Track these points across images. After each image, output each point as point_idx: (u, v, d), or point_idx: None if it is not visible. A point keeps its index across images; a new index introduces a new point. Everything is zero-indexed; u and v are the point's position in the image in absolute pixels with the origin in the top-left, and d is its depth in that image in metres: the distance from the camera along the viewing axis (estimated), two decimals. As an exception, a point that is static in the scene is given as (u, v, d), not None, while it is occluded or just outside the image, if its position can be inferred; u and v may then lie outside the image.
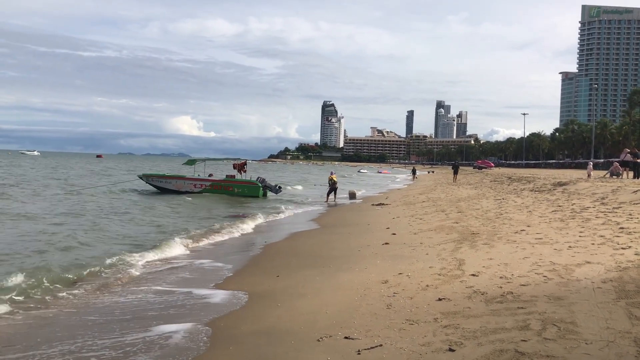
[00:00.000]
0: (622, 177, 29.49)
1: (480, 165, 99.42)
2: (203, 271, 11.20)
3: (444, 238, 12.69)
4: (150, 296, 9.03)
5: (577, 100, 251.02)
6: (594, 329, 5.41)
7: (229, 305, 8.26)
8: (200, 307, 8.28)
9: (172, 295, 9.07)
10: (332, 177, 32.35)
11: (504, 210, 17.24)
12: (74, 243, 13.79)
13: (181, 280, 10.33)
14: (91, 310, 8.16)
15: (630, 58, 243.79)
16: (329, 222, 20.37)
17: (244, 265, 11.70)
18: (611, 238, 9.96)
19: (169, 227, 17.90)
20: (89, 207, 23.88)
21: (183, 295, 9.02)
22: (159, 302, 8.64)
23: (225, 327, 7.08)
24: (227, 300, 8.57)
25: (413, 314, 6.68)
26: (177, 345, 6.48)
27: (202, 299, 8.80)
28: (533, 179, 32.47)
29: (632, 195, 15.53)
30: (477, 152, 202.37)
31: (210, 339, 6.67)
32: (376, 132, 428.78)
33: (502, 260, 9.22)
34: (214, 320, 7.46)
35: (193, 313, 7.91)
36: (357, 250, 12.37)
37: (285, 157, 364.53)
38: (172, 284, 9.97)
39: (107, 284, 9.90)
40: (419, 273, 8.95)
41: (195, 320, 7.45)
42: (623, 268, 7.57)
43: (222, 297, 8.78)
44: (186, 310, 8.10)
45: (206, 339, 6.66)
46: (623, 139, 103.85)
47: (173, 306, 8.36)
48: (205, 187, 34.06)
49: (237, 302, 8.41)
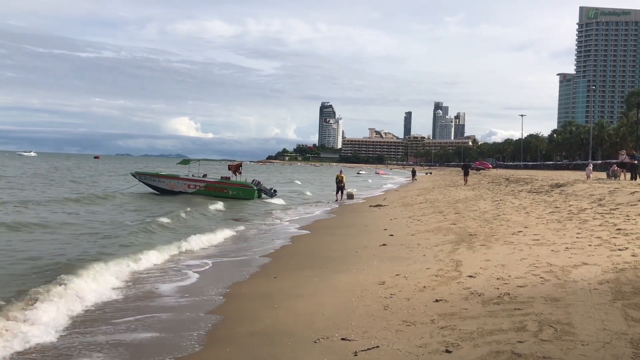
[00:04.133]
0: (619, 179, 29.54)
1: (478, 167, 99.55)
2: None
3: (442, 239, 12.69)
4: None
5: (574, 101, 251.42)
6: (590, 330, 5.41)
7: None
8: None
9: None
10: (340, 176, 32.82)
11: (501, 211, 17.26)
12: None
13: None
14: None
15: (628, 60, 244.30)
16: (327, 224, 20.37)
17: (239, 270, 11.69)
18: (608, 239, 9.98)
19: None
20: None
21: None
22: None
23: (222, 327, 7.07)
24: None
25: (410, 315, 6.68)
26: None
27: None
28: (531, 180, 32.53)
29: (629, 196, 15.56)
30: (475, 154, 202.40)
31: (207, 339, 6.66)
32: (374, 133, 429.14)
33: (499, 261, 9.24)
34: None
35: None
36: (355, 251, 12.37)
37: (283, 159, 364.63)
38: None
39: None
40: (416, 274, 8.95)
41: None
42: (620, 269, 7.58)
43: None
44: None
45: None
46: (620, 140, 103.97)
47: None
48: (199, 188, 33.81)
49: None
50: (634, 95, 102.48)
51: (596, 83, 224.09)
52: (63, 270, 9.69)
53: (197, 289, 9.43)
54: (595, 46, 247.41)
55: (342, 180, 32.63)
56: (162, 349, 6.35)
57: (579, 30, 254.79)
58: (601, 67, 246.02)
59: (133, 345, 6.48)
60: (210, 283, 9.89)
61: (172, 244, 13.89)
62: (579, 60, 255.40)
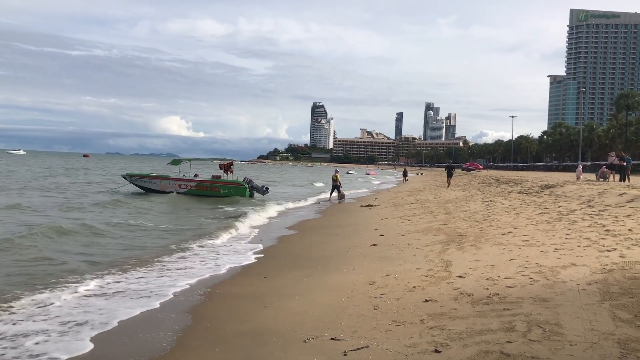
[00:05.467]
0: (608, 180, 29.74)
1: (468, 168, 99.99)
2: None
3: (432, 239, 12.73)
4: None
5: (565, 103, 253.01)
6: (578, 330, 5.45)
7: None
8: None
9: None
10: (336, 175, 33.24)
11: (491, 212, 17.33)
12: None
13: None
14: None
15: (618, 62, 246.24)
16: (317, 223, 20.37)
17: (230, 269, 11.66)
18: (597, 240, 10.05)
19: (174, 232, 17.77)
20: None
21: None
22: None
23: (212, 327, 7.05)
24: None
25: (399, 315, 6.69)
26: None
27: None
28: (521, 181, 32.68)
29: (617, 198, 15.67)
30: (466, 154, 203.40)
31: (197, 338, 6.64)
32: (365, 133, 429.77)
33: (489, 262, 9.27)
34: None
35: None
36: (345, 251, 12.37)
37: (275, 158, 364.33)
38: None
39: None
40: (406, 274, 8.97)
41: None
42: (608, 270, 7.64)
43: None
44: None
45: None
46: (610, 142, 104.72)
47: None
48: (190, 187, 33.74)
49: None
50: (623, 97, 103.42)
51: (586, 85, 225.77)
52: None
53: (188, 291, 9.39)
54: (586, 48, 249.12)
55: (337, 179, 32.89)
56: (148, 348, 6.34)
57: (570, 32, 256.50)
58: (591, 69, 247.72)
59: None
60: (199, 284, 9.86)
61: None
62: (569, 62, 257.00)
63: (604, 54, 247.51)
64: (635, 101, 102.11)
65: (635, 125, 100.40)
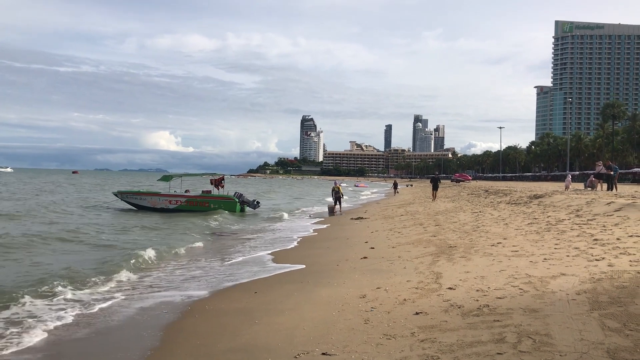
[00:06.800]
0: (596, 189, 29.96)
1: (457, 179, 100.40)
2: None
3: (422, 251, 12.74)
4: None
5: (552, 113, 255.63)
6: (568, 340, 5.45)
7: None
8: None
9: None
10: (337, 187, 33.52)
11: (480, 223, 17.38)
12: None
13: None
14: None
15: (603, 72, 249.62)
16: (309, 237, 20.33)
17: (221, 283, 11.60)
18: (585, 250, 10.10)
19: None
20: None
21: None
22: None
23: (202, 344, 7.00)
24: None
25: (390, 328, 6.68)
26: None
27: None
28: (509, 191, 32.82)
29: (605, 207, 15.78)
30: (455, 166, 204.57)
31: (186, 357, 6.59)
32: (355, 146, 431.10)
33: (479, 273, 9.29)
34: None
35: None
36: (336, 264, 12.35)
37: (265, 172, 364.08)
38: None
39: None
40: (397, 287, 8.96)
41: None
42: (597, 279, 7.67)
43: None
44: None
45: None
46: (597, 151, 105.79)
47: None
48: (180, 203, 33.69)
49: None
50: (609, 107, 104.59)
51: (573, 95, 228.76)
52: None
53: (177, 306, 9.33)
54: (571, 59, 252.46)
55: (340, 190, 33.34)
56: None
57: (555, 43, 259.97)
58: (577, 80, 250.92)
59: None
60: (188, 300, 9.80)
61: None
62: (556, 72, 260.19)
63: (589, 64, 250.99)
64: (620, 111, 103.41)
65: (622, 135, 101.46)
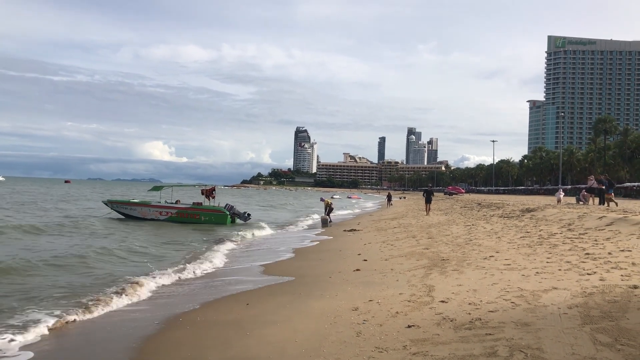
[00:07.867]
0: (588, 204, 30.11)
1: (450, 191, 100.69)
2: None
3: (415, 264, 12.73)
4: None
5: (544, 127, 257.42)
6: (559, 354, 5.46)
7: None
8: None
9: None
10: (327, 201, 36.44)
11: (473, 236, 17.41)
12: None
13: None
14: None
15: (595, 87, 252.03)
16: (301, 249, 20.28)
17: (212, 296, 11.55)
18: (577, 264, 10.14)
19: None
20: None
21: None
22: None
23: (193, 356, 6.95)
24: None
25: (382, 341, 6.66)
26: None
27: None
28: (502, 205, 32.96)
29: (597, 221, 15.86)
30: (448, 178, 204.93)
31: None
32: (349, 157, 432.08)
33: (471, 286, 9.29)
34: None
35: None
36: (328, 276, 12.32)
37: (259, 183, 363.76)
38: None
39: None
40: (389, 300, 8.94)
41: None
42: (588, 294, 7.69)
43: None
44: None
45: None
46: (589, 165, 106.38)
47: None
48: (171, 214, 33.57)
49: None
50: (601, 122, 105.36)
51: (565, 109, 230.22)
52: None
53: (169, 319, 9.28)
54: (564, 74, 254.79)
55: (330, 204, 36.03)
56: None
57: (548, 58, 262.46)
58: (569, 94, 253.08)
59: None
60: (175, 306, 9.75)
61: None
62: (548, 87, 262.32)
63: (581, 79, 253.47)
64: (612, 125, 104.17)
65: (613, 149, 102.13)
